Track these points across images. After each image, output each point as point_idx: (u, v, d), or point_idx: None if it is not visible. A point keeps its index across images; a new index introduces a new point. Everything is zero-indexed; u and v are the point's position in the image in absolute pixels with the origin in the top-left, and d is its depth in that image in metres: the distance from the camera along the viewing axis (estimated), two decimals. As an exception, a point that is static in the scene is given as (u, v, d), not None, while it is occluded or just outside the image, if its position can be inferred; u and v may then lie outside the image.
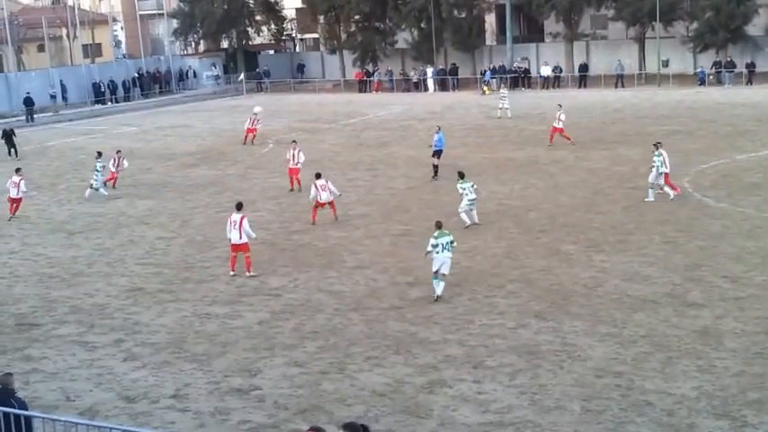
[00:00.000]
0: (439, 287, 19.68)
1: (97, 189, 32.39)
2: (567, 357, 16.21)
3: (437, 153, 34.63)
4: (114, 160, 34.77)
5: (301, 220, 27.78)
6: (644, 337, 16.96)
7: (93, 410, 14.80)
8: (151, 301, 20.65)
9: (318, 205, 27.10)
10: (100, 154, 33.64)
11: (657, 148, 28.27)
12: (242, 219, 22.26)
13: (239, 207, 22.75)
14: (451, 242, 19.90)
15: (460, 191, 25.91)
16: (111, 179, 34.40)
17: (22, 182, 29.86)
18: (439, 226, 20.29)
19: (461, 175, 26.36)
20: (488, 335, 17.50)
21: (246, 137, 45.39)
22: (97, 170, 32.60)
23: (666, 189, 28.05)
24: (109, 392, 15.56)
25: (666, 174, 28.01)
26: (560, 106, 40.48)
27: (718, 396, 14.38)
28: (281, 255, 24.09)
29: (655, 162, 28.12)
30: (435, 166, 34.46)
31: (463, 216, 25.80)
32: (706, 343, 16.57)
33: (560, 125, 39.50)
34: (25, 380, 16.04)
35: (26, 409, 11.91)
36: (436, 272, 19.70)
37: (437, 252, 19.67)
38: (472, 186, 26.01)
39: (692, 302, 18.82)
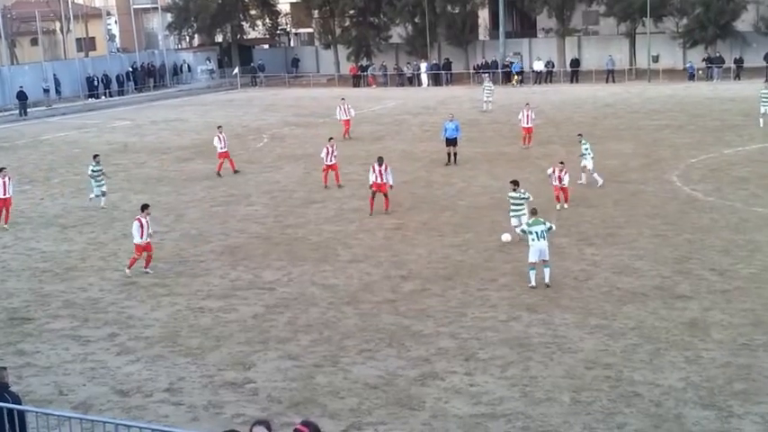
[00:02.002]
0: (546, 274, 19.78)
1: (104, 194, 30.21)
2: (558, 349, 16.37)
3: (449, 141, 35.01)
4: (219, 139, 34.98)
5: (295, 214, 27.91)
6: (633, 329, 17.14)
7: (86, 404, 14.88)
8: (145, 295, 20.75)
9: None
10: (96, 156, 31.23)
11: (582, 139, 30.63)
12: (136, 219, 22.29)
13: (143, 208, 22.66)
14: (549, 228, 19.92)
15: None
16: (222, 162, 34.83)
17: (8, 180, 27.90)
18: (534, 213, 20.37)
19: (516, 183, 24.15)
20: (480, 327, 17.64)
21: (347, 130, 43.71)
22: (97, 173, 30.20)
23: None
24: (102, 386, 15.64)
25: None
26: (527, 105, 39.51)
27: (705, 387, 14.55)
28: (276, 249, 24.21)
29: (584, 151, 30.11)
30: (449, 154, 35.13)
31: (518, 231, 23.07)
32: (693, 335, 16.76)
33: (531, 124, 38.40)
34: (18, 374, 16.10)
35: (20, 404, 11.87)
36: (533, 263, 19.77)
37: (533, 240, 19.71)
38: (524, 195, 23.97)
39: (680, 295, 19.01)
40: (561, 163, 27.15)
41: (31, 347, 17.65)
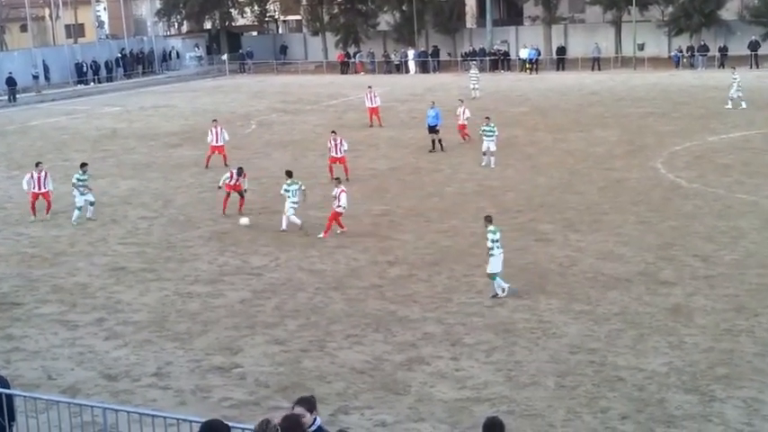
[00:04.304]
0: (505, 284, 18.58)
1: (93, 203, 26.67)
2: (543, 334, 16.51)
3: (431, 129, 35.11)
4: (211, 132, 34.05)
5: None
6: (617, 315, 17.29)
7: (74, 389, 14.95)
8: (133, 280, 20.80)
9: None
10: (84, 165, 27.30)
11: (488, 121, 31.93)
12: None
13: None
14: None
15: (283, 192, 24.33)
16: (211, 155, 34.02)
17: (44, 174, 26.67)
18: (489, 220, 18.84)
19: (289, 175, 24.57)
20: (466, 313, 17.77)
21: (372, 117, 42.72)
22: (80, 182, 26.55)
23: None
24: (90, 371, 15.71)
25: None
26: (462, 102, 38.21)
27: (688, 371, 14.71)
28: (263, 234, 24.27)
29: (486, 131, 31.65)
30: (433, 141, 35.16)
31: (293, 219, 24.12)
32: (677, 320, 16.92)
33: (464, 121, 36.85)
34: (7, 359, 16.20)
35: (8, 388, 11.84)
36: (496, 273, 18.48)
37: (499, 249, 18.41)
38: (300, 188, 24.37)
39: (663, 281, 19.17)
40: (337, 179, 24.78)
41: (20, 332, 17.70)
